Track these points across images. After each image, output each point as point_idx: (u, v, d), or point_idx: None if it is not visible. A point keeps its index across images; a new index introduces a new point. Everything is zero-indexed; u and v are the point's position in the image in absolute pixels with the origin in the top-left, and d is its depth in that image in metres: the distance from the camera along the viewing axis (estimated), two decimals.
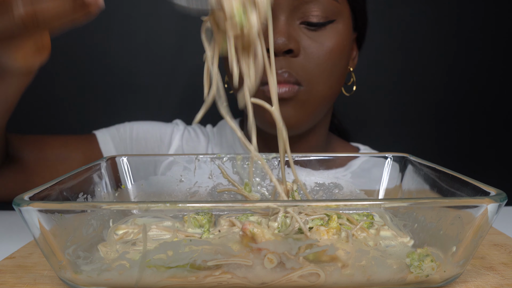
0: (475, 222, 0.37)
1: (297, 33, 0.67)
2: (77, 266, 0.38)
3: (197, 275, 0.37)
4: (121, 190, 0.58)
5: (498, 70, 1.14)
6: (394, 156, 0.60)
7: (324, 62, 0.68)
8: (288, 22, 0.67)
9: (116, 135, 0.83)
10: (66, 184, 0.46)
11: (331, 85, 0.71)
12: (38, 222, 0.36)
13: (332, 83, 0.71)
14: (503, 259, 0.47)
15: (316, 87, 0.69)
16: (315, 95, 0.69)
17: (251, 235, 0.38)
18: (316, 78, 0.68)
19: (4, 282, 0.41)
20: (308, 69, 0.68)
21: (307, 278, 0.38)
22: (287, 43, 0.65)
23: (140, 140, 0.83)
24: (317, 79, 0.68)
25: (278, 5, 0.66)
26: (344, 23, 0.70)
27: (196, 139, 0.87)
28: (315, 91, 0.69)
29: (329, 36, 0.69)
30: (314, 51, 0.68)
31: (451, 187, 0.47)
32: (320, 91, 0.69)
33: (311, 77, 0.68)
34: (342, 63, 0.72)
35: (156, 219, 0.51)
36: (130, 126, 0.85)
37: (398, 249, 0.42)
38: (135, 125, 0.85)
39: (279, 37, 0.65)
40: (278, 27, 0.66)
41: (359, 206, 0.38)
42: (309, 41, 0.68)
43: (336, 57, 0.69)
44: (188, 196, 0.60)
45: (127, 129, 0.84)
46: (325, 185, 0.60)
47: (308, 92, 0.68)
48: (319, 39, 0.68)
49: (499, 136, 1.17)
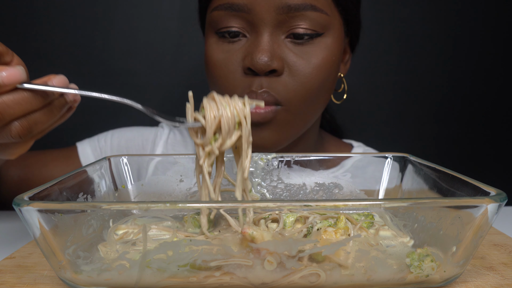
0: (475, 222, 0.37)
1: (281, 50, 0.63)
2: (77, 266, 0.38)
3: (197, 275, 0.37)
4: (121, 190, 0.58)
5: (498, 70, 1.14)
6: (394, 156, 0.60)
7: (310, 81, 0.63)
8: (272, 38, 0.62)
9: (97, 146, 0.81)
10: (66, 184, 0.46)
11: (315, 103, 0.66)
12: (38, 222, 0.36)
13: (318, 100, 0.66)
14: (503, 259, 0.47)
15: (297, 106, 0.64)
16: (297, 115, 0.65)
17: (250, 238, 0.38)
18: (299, 97, 0.63)
19: (4, 282, 0.41)
20: (291, 88, 0.63)
21: (308, 278, 0.38)
22: (270, 63, 0.60)
23: (122, 150, 0.81)
24: (300, 98, 0.63)
25: (262, 20, 0.61)
26: (334, 36, 0.65)
27: (183, 143, 0.84)
28: (295, 110, 0.64)
29: (317, 52, 0.63)
30: (300, 69, 0.63)
31: (451, 187, 0.47)
32: (301, 110, 0.65)
33: (293, 96, 0.63)
34: (331, 78, 0.67)
35: (156, 219, 0.51)
36: (112, 136, 0.82)
37: (398, 249, 0.42)
38: (116, 134, 0.83)
39: (261, 56, 0.60)
40: (261, 45, 0.61)
41: (359, 206, 0.38)
42: (294, 57, 0.63)
43: (324, 74, 0.64)
44: (188, 196, 0.60)
45: (108, 139, 0.82)
46: (325, 185, 0.60)
47: (288, 112, 0.64)
48: (306, 56, 0.63)
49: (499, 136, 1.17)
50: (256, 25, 0.62)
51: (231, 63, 0.64)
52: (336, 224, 0.44)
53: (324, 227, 0.41)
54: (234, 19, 0.63)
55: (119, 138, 0.83)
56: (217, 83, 0.66)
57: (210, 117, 0.45)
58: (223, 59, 0.65)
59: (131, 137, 0.83)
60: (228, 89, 0.64)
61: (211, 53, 0.66)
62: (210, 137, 0.46)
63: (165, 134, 0.84)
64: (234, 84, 0.64)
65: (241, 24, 0.63)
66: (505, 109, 1.16)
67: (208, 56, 0.67)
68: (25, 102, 0.40)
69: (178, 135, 0.85)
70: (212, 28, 0.66)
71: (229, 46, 0.65)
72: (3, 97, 0.40)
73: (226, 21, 0.64)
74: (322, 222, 0.45)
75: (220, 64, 0.65)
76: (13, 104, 0.40)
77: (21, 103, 0.40)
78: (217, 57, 0.65)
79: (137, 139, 0.83)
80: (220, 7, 0.64)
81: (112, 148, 0.81)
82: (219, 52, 0.65)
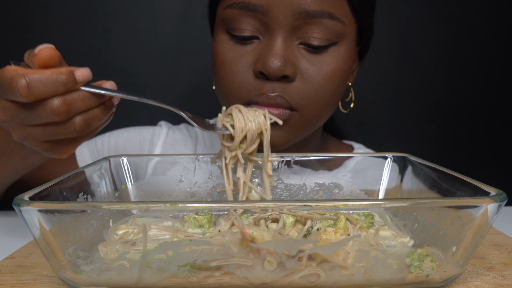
0: (475, 222, 0.37)
1: (294, 55, 0.61)
2: (77, 266, 0.38)
3: (197, 275, 0.37)
4: (121, 190, 0.58)
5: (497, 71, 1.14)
6: (394, 156, 0.60)
7: (322, 88, 0.63)
8: (286, 43, 0.61)
9: (95, 149, 0.81)
10: (66, 184, 0.46)
11: (327, 109, 0.66)
12: (38, 222, 0.36)
13: (329, 107, 0.66)
14: (503, 259, 0.47)
15: (310, 112, 0.64)
16: (308, 119, 0.65)
17: (250, 238, 0.38)
18: (312, 103, 0.63)
19: (4, 282, 0.41)
20: (304, 94, 0.62)
21: (308, 279, 0.38)
22: (283, 68, 0.59)
23: (119, 150, 0.81)
24: (313, 104, 0.63)
25: (277, 23, 0.60)
26: (348, 45, 0.64)
27: (183, 142, 0.83)
28: (309, 115, 0.64)
29: (330, 60, 0.63)
30: (312, 76, 0.62)
31: (451, 187, 0.47)
32: (314, 115, 0.65)
33: (306, 103, 0.63)
34: (342, 85, 0.66)
35: (156, 219, 0.51)
36: (109, 138, 0.82)
37: (398, 249, 0.42)
38: (113, 135, 0.83)
39: (274, 60, 0.59)
40: (275, 49, 0.60)
41: (359, 206, 0.38)
42: (307, 64, 0.62)
43: (336, 82, 0.64)
44: (188, 196, 0.60)
45: (105, 141, 0.82)
46: (325, 185, 0.60)
47: (301, 116, 0.64)
48: (319, 63, 0.62)
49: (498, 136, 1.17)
50: (271, 27, 0.61)
51: (241, 64, 0.63)
52: (336, 224, 0.44)
53: (324, 227, 0.41)
54: (248, 20, 0.61)
55: (117, 139, 0.82)
56: (224, 82, 0.64)
57: (238, 128, 0.54)
58: (233, 59, 0.63)
59: (129, 138, 0.82)
60: (235, 89, 0.63)
61: (220, 51, 0.64)
62: (237, 144, 0.55)
63: (163, 133, 0.83)
64: (243, 85, 0.63)
65: (255, 26, 0.62)
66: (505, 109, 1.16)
67: (217, 54, 0.65)
68: (87, 99, 0.46)
69: (178, 134, 0.84)
70: (223, 25, 0.64)
71: (240, 46, 0.63)
72: (73, 94, 0.45)
73: (240, 21, 0.62)
74: (322, 222, 0.45)
75: (229, 63, 0.63)
76: (80, 100, 0.46)
77: (85, 99, 0.46)
78: (227, 55, 0.64)
79: (135, 139, 0.82)
80: (235, 5, 0.62)
81: (110, 150, 0.81)
82: (229, 51, 0.64)
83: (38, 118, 0.45)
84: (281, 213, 0.49)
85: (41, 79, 0.43)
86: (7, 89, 0.43)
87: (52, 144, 0.48)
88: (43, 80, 0.43)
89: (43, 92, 0.43)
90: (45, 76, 0.43)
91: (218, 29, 0.66)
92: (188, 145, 0.83)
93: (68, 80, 0.44)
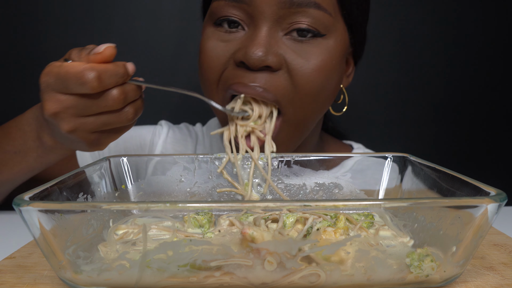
0: (475, 222, 0.37)
1: (279, 46, 0.59)
2: (77, 266, 0.38)
3: (197, 275, 0.37)
4: (121, 190, 0.58)
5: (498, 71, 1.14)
6: (394, 156, 0.60)
7: (309, 83, 0.60)
8: (270, 33, 0.59)
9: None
10: (66, 184, 0.46)
11: (315, 107, 0.63)
12: (38, 222, 0.36)
13: (317, 104, 0.63)
14: (503, 259, 0.47)
15: (296, 111, 0.61)
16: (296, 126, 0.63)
17: (250, 238, 0.38)
18: (298, 99, 0.61)
19: (4, 282, 0.41)
20: (290, 87, 0.60)
21: (308, 279, 0.38)
22: (264, 58, 0.57)
23: (120, 150, 0.81)
24: (299, 100, 0.61)
25: (261, 13, 0.58)
26: (336, 40, 0.62)
27: (183, 141, 0.83)
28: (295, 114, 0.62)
29: (317, 53, 0.60)
30: (298, 67, 0.59)
31: (451, 187, 0.47)
32: (301, 114, 0.62)
33: (292, 97, 0.60)
34: (332, 83, 0.63)
35: (156, 219, 0.51)
36: None
37: (398, 249, 0.42)
38: None
39: (255, 50, 0.57)
40: (257, 39, 0.58)
41: (359, 206, 0.38)
42: (293, 55, 0.59)
43: (323, 77, 0.61)
44: (188, 196, 0.60)
45: None
46: (325, 185, 0.60)
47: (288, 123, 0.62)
48: (305, 54, 0.60)
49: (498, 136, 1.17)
50: (255, 18, 0.59)
51: (222, 53, 0.61)
52: (335, 224, 0.44)
53: (324, 227, 0.41)
54: (233, 11, 0.61)
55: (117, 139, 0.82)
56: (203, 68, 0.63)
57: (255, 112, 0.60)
58: (214, 47, 0.62)
59: (128, 137, 0.82)
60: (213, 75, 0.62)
61: (204, 41, 0.63)
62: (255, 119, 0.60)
63: (164, 133, 0.83)
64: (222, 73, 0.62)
65: (241, 17, 0.61)
66: (505, 109, 1.16)
67: (201, 45, 0.64)
68: (136, 89, 0.52)
69: (178, 134, 0.84)
70: (210, 18, 0.64)
71: (224, 35, 0.62)
72: (126, 85, 0.50)
73: (226, 11, 0.61)
74: (322, 222, 0.45)
75: (210, 51, 0.62)
76: (131, 90, 0.51)
77: (135, 90, 0.51)
78: (210, 45, 0.63)
79: (135, 139, 0.82)
80: None
81: (110, 149, 0.80)
82: (213, 40, 0.63)
83: (97, 108, 0.49)
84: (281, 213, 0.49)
85: (107, 72, 0.48)
86: (74, 81, 0.47)
87: (98, 135, 0.52)
88: (108, 72, 0.48)
89: (109, 83, 0.48)
90: (110, 69, 0.48)
91: (205, 23, 0.66)
92: (187, 145, 0.83)
93: (125, 73, 0.49)
